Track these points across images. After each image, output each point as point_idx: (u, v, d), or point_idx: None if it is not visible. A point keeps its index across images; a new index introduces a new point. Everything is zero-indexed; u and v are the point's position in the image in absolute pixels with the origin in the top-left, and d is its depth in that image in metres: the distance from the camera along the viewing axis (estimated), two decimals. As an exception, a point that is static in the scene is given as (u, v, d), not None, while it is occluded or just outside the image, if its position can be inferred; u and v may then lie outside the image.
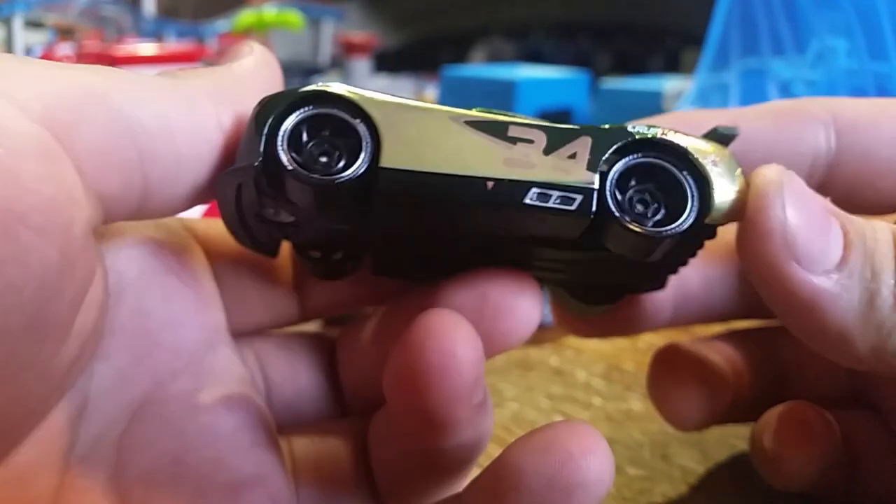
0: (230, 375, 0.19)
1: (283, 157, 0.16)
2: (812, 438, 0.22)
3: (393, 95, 0.17)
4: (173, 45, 0.89)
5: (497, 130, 0.16)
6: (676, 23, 0.97)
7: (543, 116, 0.20)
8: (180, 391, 0.18)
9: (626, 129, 0.17)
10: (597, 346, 0.37)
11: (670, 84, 0.55)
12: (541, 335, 0.37)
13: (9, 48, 0.74)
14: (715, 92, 0.47)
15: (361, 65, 0.99)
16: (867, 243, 0.17)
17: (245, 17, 0.94)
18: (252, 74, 0.18)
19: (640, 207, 0.17)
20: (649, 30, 1.04)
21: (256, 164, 0.16)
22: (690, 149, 0.17)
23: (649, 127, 0.17)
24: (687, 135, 0.17)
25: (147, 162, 0.16)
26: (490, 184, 0.16)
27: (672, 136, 0.17)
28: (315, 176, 0.16)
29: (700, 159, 0.17)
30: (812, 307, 0.17)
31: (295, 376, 0.21)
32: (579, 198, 0.16)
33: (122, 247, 0.18)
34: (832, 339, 0.17)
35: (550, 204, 0.16)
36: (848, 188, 0.22)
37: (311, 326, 0.24)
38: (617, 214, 0.16)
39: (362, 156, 0.16)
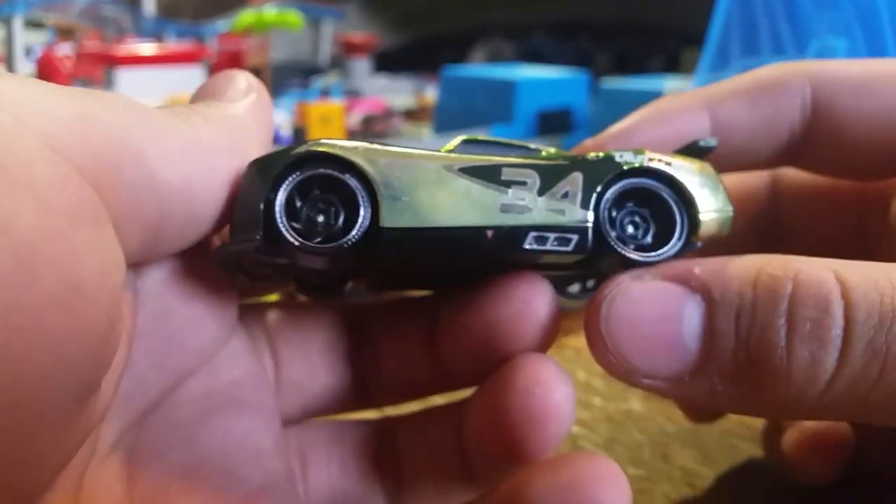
0: (240, 369, 0.19)
1: (288, 236, 0.16)
2: (830, 449, 0.22)
3: (383, 144, 0.17)
4: (173, 45, 0.89)
5: (491, 176, 0.17)
6: (676, 23, 0.97)
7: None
8: (193, 394, 0.18)
9: (613, 159, 0.17)
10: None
11: (670, 84, 0.55)
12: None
13: (9, 48, 0.74)
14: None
15: (361, 65, 0.99)
16: (742, 307, 0.15)
17: (245, 17, 0.94)
18: (250, 120, 0.18)
19: (631, 229, 0.17)
20: (649, 30, 1.04)
21: (259, 237, 0.16)
22: (677, 174, 0.18)
23: (636, 154, 0.17)
24: (672, 157, 0.18)
25: (165, 220, 0.16)
26: (490, 233, 0.16)
27: (657, 164, 0.17)
28: (323, 245, 0.16)
29: (686, 183, 0.17)
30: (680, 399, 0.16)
31: (307, 356, 0.21)
32: (575, 237, 0.17)
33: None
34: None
35: (548, 246, 0.17)
36: (827, 156, 0.22)
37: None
38: (615, 247, 0.17)
39: (361, 212, 0.16)
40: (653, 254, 0.17)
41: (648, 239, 0.17)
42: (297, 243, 0.16)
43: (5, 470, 0.13)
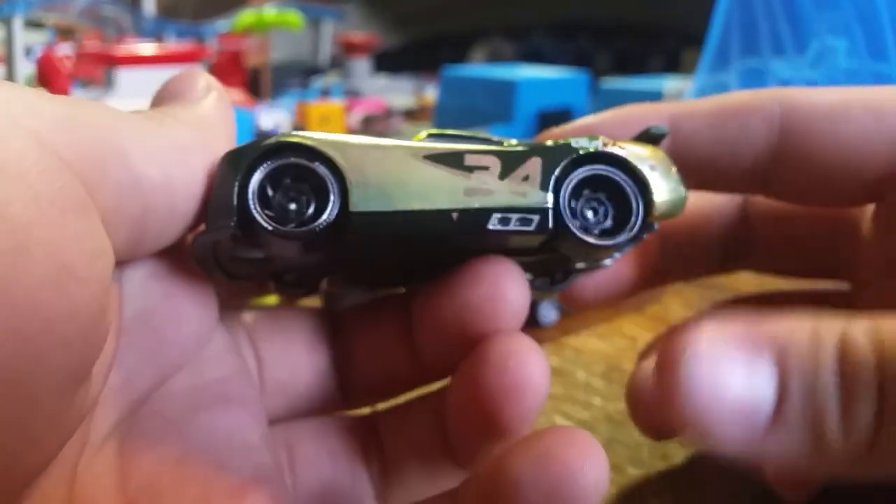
0: (225, 366, 0.20)
1: (261, 220, 0.16)
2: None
3: (353, 136, 0.17)
4: (173, 45, 0.89)
5: (454, 162, 0.17)
6: (676, 23, 0.97)
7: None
8: (180, 388, 0.19)
9: (570, 145, 0.18)
10: (597, 346, 0.37)
11: (670, 84, 0.55)
12: (541, 335, 0.37)
13: (9, 48, 0.74)
14: (715, 92, 0.47)
15: (361, 65, 0.99)
16: (806, 372, 0.15)
17: (245, 17, 0.94)
18: (218, 118, 0.19)
19: (590, 215, 0.18)
20: (649, 30, 1.04)
21: (233, 224, 0.16)
22: (629, 157, 0.18)
23: (591, 140, 0.18)
24: (625, 143, 0.19)
25: (149, 216, 0.16)
26: (455, 215, 0.17)
27: (612, 148, 0.18)
28: (295, 230, 0.16)
29: (639, 165, 0.18)
30: (752, 461, 0.16)
31: (289, 356, 0.21)
32: (537, 217, 0.17)
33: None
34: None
35: (511, 227, 0.17)
36: (797, 183, 0.22)
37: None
38: (573, 229, 0.18)
39: (331, 198, 0.17)
40: (610, 240, 0.18)
41: (608, 223, 0.18)
42: (270, 227, 0.16)
43: (2, 447, 0.13)
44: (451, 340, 0.19)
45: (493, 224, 0.17)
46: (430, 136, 0.19)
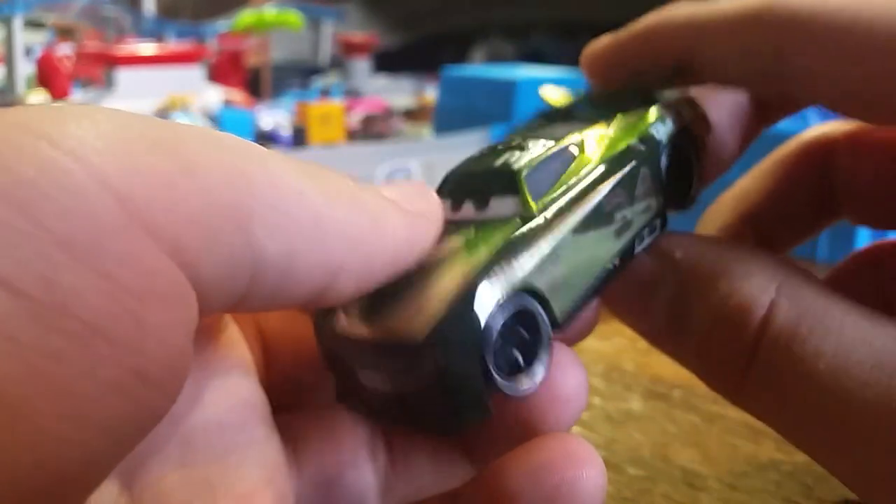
0: (231, 355, 0.19)
1: (498, 378, 0.15)
2: None
3: (522, 246, 0.16)
4: (173, 45, 0.89)
5: (599, 220, 0.17)
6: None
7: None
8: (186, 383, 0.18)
9: (653, 137, 0.19)
10: (597, 346, 0.37)
11: (670, 84, 0.55)
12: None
13: (9, 48, 0.74)
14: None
15: (361, 65, 0.99)
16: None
17: (245, 17, 0.94)
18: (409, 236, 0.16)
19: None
20: (649, 30, 1.04)
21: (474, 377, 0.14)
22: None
23: (662, 120, 0.19)
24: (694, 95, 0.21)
25: (253, 291, 0.14)
26: (616, 261, 0.18)
27: (687, 113, 0.20)
28: (526, 390, 0.15)
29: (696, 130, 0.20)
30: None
31: (296, 347, 0.21)
32: (658, 221, 0.19)
33: None
34: None
35: (647, 239, 0.19)
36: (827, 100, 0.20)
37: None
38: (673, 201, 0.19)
39: (545, 342, 0.15)
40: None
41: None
42: (507, 387, 0.15)
43: None
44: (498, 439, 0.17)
45: (637, 248, 0.18)
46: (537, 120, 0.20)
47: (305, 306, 0.16)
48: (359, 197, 0.15)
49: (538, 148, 0.17)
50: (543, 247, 0.16)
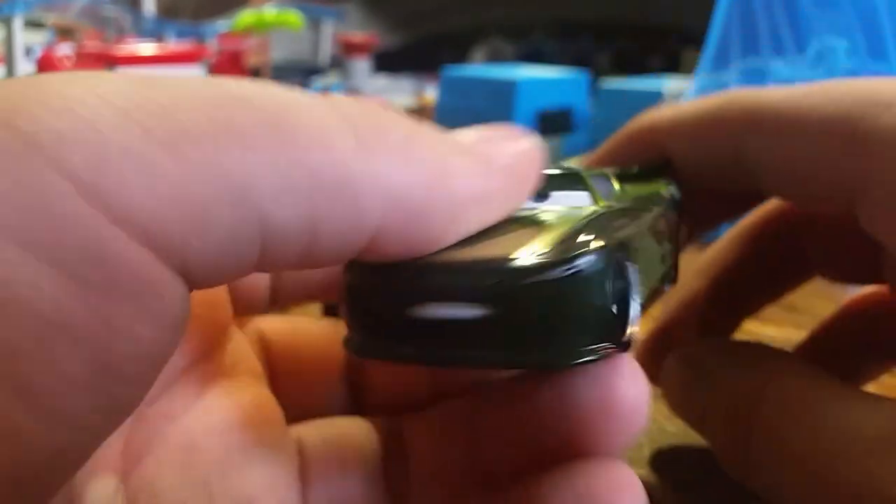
0: (239, 361, 0.19)
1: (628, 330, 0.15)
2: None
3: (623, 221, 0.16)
4: (173, 45, 0.89)
5: (655, 235, 0.18)
6: (676, 23, 0.97)
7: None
8: (186, 381, 0.18)
9: (659, 192, 0.20)
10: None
11: (670, 84, 0.55)
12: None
13: (9, 48, 0.74)
14: (715, 91, 0.47)
15: (361, 65, 0.99)
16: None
17: (245, 17, 0.94)
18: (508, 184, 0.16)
19: None
20: (649, 30, 1.04)
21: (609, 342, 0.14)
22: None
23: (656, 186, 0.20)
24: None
25: (267, 258, 0.12)
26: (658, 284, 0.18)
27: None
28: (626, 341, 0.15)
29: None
30: None
31: (298, 356, 0.20)
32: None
33: None
34: None
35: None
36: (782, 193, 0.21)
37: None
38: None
39: (634, 299, 0.15)
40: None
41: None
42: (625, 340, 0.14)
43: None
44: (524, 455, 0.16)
45: (665, 287, 0.19)
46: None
47: (341, 262, 0.14)
48: (411, 144, 0.13)
49: (582, 171, 0.17)
50: (631, 225, 0.15)
